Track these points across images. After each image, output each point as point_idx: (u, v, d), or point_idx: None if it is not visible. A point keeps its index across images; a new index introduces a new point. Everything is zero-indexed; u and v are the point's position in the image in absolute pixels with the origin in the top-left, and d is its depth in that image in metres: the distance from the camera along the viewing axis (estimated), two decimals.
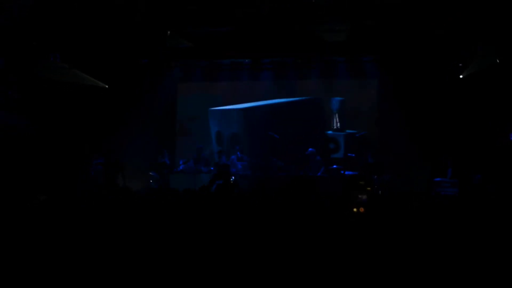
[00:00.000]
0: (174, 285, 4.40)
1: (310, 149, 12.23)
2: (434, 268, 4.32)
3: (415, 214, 5.23)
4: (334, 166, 11.98)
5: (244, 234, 4.71)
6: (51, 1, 9.33)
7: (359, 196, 4.62)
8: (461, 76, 11.20)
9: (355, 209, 4.63)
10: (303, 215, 5.06)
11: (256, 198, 5.77)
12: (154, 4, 9.28)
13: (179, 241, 4.67)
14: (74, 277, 4.54)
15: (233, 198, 6.34)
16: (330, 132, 13.00)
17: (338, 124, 12.93)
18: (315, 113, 13.10)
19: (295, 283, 4.25)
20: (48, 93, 11.76)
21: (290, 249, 4.45)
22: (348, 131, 12.84)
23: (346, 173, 11.87)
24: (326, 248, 4.49)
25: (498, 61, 10.28)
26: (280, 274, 4.30)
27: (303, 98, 13.22)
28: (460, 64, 11.22)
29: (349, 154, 12.85)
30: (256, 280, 4.30)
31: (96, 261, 4.62)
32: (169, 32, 10.77)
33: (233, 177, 10.83)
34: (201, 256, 4.49)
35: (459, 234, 4.67)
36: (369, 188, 4.67)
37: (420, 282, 4.25)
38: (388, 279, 4.27)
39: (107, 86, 12.53)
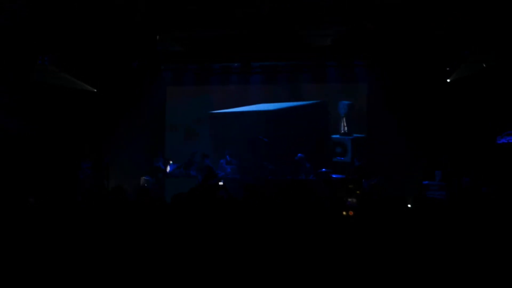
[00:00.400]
0: None
1: (299, 154, 12.26)
2: (420, 273, 4.35)
3: (404, 217, 5.25)
4: (323, 169, 12.01)
5: (239, 238, 4.71)
6: (41, 6, 9.27)
7: (349, 199, 4.65)
8: (448, 80, 11.30)
9: (344, 213, 4.67)
10: (293, 220, 5.07)
11: (251, 201, 5.76)
12: (153, 4, 9.21)
13: (170, 247, 4.67)
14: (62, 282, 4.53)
15: (219, 201, 6.33)
16: (337, 136, 12.97)
17: (346, 128, 12.88)
18: (321, 117, 13.08)
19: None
20: (36, 96, 11.68)
21: (286, 253, 4.46)
22: (355, 135, 12.76)
23: (333, 176, 11.90)
24: (316, 251, 4.50)
25: (484, 65, 10.40)
26: (278, 277, 4.32)
27: (311, 102, 13.19)
28: (448, 68, 11.30)
29: (338, 158, 12.88)
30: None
31: (84, 265, 4.61)
32: (158, 36, 10.77)
33: (222, 181, 10.85)
34: (199, 259, 4.49)
35: (447, 237, 4.69)
36: (358, 192, 4.70)
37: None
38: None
39: (95, 90, 12.48)
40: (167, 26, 10.16)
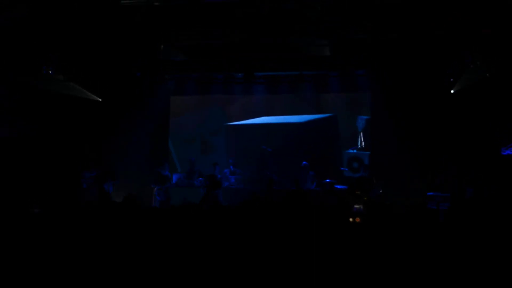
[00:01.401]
0: None
1: (304, 162, 12.25)
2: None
3: (407, 226, 5.25)
4: (327, 180, 11.98)
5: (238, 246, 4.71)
6: (45, 14, 9.32)
7: (356, 206, 4.63)
8: (452, 91, 11.27)
9: (351, 219, 4.64)
10: (296, 225, 5.06)
11: (251, 210, 5.76)
12: (154, 7, 9.22)
13: (179, 255, 4.66)
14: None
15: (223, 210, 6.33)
16: (354, 151, 12.86)
17: (363, 143, 12.78)
18: (331, 130, 13.06)
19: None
20: (40, 105, 11.72)
21: (288, 258, 4.45)
22: None
23: (337, 187, 11.87)
24: (321, 256, 4.49)
25: (487, 74, 10.38)
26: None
27: (322, 115, 13.19)
28: (451, 79, 11.28)
29: (341, 168, 12.86)
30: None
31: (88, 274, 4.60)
32: (162, 46, 10.80)
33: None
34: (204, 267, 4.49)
35: (448, 247, 4.69)
36: (365, 198, 4.67)
37: None
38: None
39: (100, 100, 12.51)
40: (168, 29, 10.15)
